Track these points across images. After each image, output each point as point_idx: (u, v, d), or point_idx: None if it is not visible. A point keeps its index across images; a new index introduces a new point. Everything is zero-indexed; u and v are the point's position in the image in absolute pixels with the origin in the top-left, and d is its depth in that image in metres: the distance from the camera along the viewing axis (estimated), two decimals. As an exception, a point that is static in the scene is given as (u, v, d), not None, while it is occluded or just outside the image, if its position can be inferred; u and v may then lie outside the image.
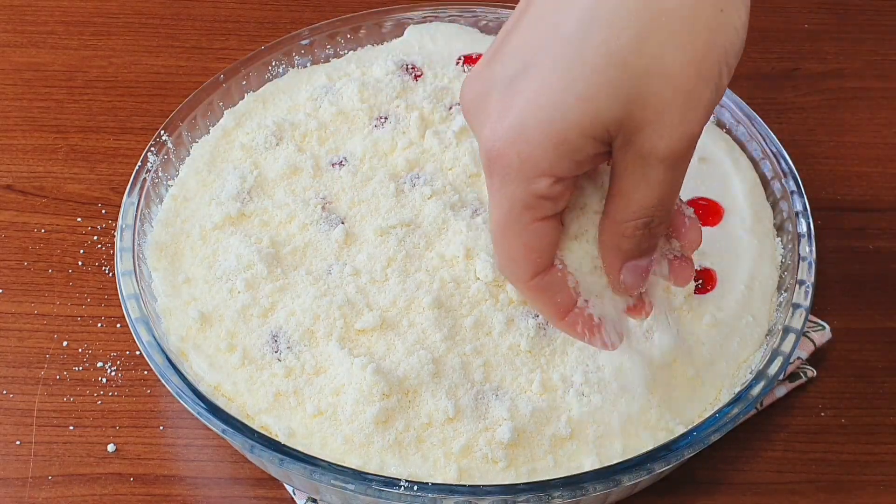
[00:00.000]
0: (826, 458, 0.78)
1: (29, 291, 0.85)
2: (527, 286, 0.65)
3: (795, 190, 0.82)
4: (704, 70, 0.59)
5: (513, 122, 0.60)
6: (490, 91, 0.62)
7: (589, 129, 0.59)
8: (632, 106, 0.58)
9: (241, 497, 0.76)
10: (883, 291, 0.86)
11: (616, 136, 0.60)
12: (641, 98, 0.58)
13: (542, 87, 0.59)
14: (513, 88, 0.61)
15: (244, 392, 0.74)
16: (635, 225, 0.63)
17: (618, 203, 0.62)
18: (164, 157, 0.83)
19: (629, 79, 0.58)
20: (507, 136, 0.60)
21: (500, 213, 0.63)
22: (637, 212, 0.62)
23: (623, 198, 0.62)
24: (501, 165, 0.61)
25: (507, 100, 0.61)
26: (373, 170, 0.83)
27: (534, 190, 0.61)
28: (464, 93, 0.63)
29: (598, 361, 0.74)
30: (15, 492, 0.76)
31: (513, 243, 0.64)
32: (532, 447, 0.72)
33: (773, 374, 0.73)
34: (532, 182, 0.61)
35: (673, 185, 0.61)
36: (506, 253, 0.64)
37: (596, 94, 0.58)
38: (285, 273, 0.78)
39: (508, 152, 0.60)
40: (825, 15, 1.05)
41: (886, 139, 0.96)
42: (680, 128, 0.59)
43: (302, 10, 1.04)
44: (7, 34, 1.01)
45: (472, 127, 0.63)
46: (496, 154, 0.61)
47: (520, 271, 0.65)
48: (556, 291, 0.66)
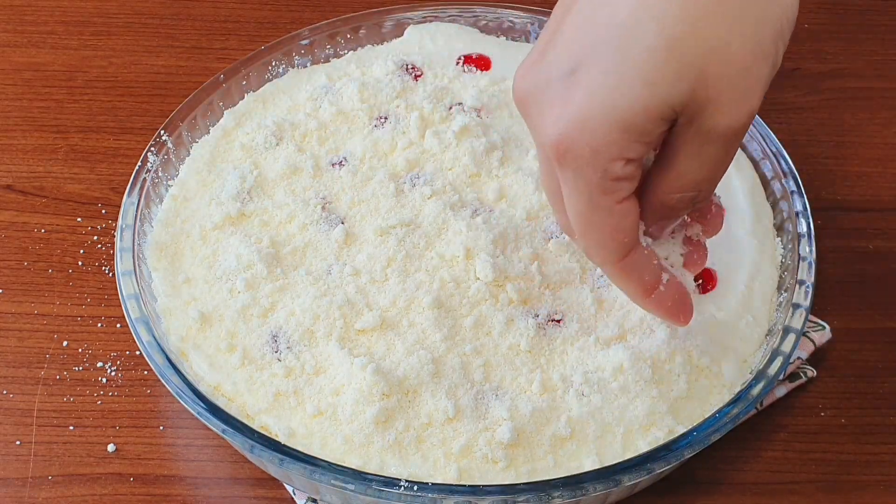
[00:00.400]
0: (826, 458, 0.78)
1: (29, 291, 0.85)
2: (616, 267, 0.66)
3: (795, 190, 0.82)
4: (761, 46, 0.60)
5: (577, 113, 0.61)
6: (547, 84, 0.62)
7: (656, 111, 0.60)
8: (695, 85, 0.59)
9: (241, 497, 0.76)
10: (883, 291, 0.86)
11: (680, 115, 0.61)
12: (703, 77, 0.59)
13: (604, 76, 0.60)
14: (573, 79, 0.61)
15: (244, 392, 0.74)
16: (681, 198, 0.64)
17: (668, 176, 0.64)
18: (164, 157, 0.83)
19: (691, 59, 0.59)
20: (574, 128, 0.61)
21: (581, 202, 0.64)
22: (686, 186, 0.64)
23: (675, 171, 0.63)
24: (573, 157, 0.62)
25: (568, 91, 0.61)
26: (373, 170, 0.83)
27: (610, 174, 0.62)
28: (517, 87, 0.64)
29: (598, 361, 0.74)
30: (15, 492, 0.76)
31: (600, 229, 0.65)
32: (532, 447, 0.72)
33: (773, 374, 0.73)
34: (606, 167, 0.62)
35: (725, 162, 0.63)
36: (594, 239, 0.65)
37: (660, 77, 0.59)
38: (285, 273, 0.78)
39: (578, 143, 0.61)
40: (825, 15, 1.05)
41: (886, 139, 0.96)
42: (740, 104, 0.60)
43: (302, 10, 1.04)
44: (7, 34, 1.01)
45: (528, 119, 0.64)
46: (565, 147, 0.61)
47: (610, 255, 0.66)
48: (644, 270, 0.67)
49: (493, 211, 0.81)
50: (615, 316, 0.77)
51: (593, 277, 0.78)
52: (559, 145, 0.62)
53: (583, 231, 0.65)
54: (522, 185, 0.81)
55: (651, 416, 0.73)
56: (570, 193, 0.64)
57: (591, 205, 0.63)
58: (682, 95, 0.60)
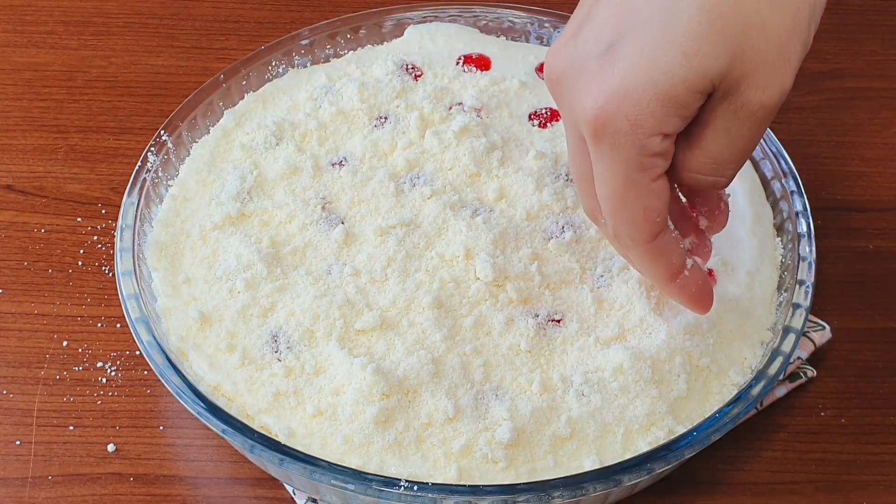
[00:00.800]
0: (826, 458, 0.78)
1: (29, 291, 0.85)
2: (646, 249, 0.66)
3: (795, 190, 0.82)
4: (796, 23, 0.61)
5: (616, 87, 0.61)
6: (584, 62, 0.63)
7: (696, 84, 0.60)
8: (733, 59, 0.60)
9: (241, 497, 0.76)
10: (883, 291, 0.86)
11: (716, 89, 0.61)
12: (741, 51, 0.60)
13: (642, 50, 0.60)
14: (611, 55, 0.62)
15: (244, 392, 0.74)
16: (703, 180, 0.65)
17: (694, 154, 0.64)
18: (164, 157, 0.83)
19: (731, 32, 0.59)
20: (613, 102, 0.61)
21: (615, 179, 0.63)
22: (711, 166, 0.64)
23: (702, 149, 0.63)
24: (611, 132, 0.62)
25: (606, 67, 0.62)
26: (373, 170, 0.83)
27: (647, 149, 0.62)
28: (551, 66, 0.64)
29: (598, 361, 0.74)
30: (15, 492, 0.76)
31: (633, 207, 0.64)
32: (532, 447, 0.72)
33: (773, 374, 0.73)
34: (644, 142, 0.62)
35: (753, 143, 0.63)
36: (626, 218, 0.65)
37: (700, 50, 0.60)
38: (285, 273, 0.78)
39: (616, 117, 0.61)
40: (825, 15, 1.03)
41: (886, 139, 0.96)
42: (775, 81, 0.61)
43: (302, 10, 1.04)
44: (7, 34, 1.01)
45: (562, 99, 0.64)
46: (603, 121, 0.62)
47: (640, 234, 0.65)
48: (672, 253, 0.68)
49: (493, 211, 0.81)
50: (615, 316, 0.77)
51: (593, 277, 0.78)
52: (597, 120, 0.62)
53: (615, 211, 0.65)
54: (522, 185, 0.81)
55: (651, 416, 0.73)
56: (604, 171, 0.64)
57: (627, 182, 0.63)
58: (720, 69, 0.60)
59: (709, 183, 0.65)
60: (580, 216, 0.80)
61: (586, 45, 0.63)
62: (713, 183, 0.65)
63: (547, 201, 0.81)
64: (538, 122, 0.86)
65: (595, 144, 0.63)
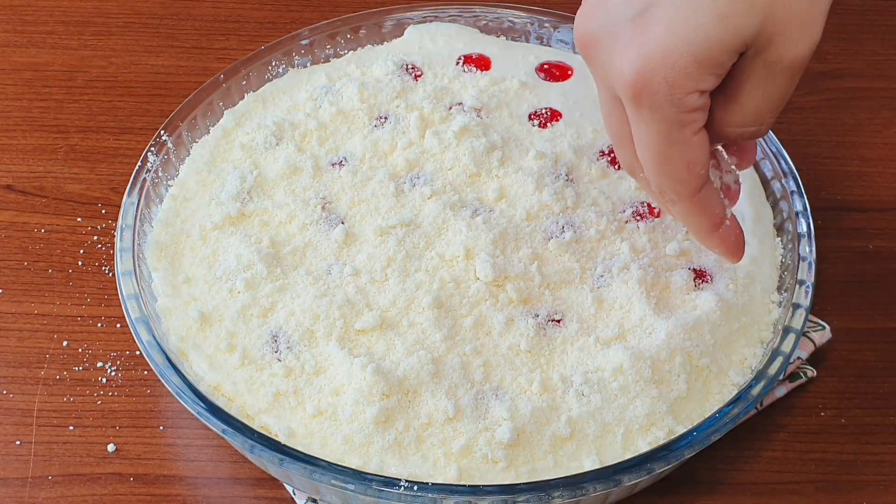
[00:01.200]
0: (826, 458, 0.78)
1: (29, 291, 0.85)
2: (691, 202, 0.68)
3: (795, 190, 0.82)
4: None
5: (654, 49, 0.63)
6: (616, 25, 0.64)
7: (731, 43, 0.63)
8: (764, 18, 0.62)
9: (241, 497, 0.76)
10: (883, 291, 0.86)
11: (749, 47, 0.63)
12: (772, 9, 0.62)
13: (678, 11, 0.62)
14: (645, 18, 0.63)
15: (244, 392, 0.74)
16: (743, 132, 0.67)
17: (732, 108, 0.66)
18: (164, 157, 0.83)
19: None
20: (651, 65, 0.63)
21: (657, 139, 0.65)
22: (749, 118, 0.66)
23: (739, 104, 0.66)
24: (649, 93, 0.64)
25: (640, 30, 0.63)
26: (373, 170, 0.83)
27: (686, 106, 0.64)
28: (582, 29, 0.66)
29: (598, 361, 0.74)
30: (15, 492, 0.76)
31: (676, 163, 0.66)
32: (532, 447, 0.72)
33: (773, 374, 0.73)
34: (683, 100, 0.64)
35: (787, 93, 0.66)
36: (670, 175, 0.67)
37: (735, 11, 0.62)
38: (285, 273, 0.78)
39: (655, 79, 0.63)
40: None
41: (886, 139, 0.96)
42: (805, 36, 0.64)
43: (302, 10, 1.04)
44: (7, 34, 1.01)
45: (595, 61, 0.66)
46: (642, 83, 0.63)
47: (686, 189, 0.68)
48: (714, 203, 0.70)
49: (493, 211, 0.81)
50: (615, 316, 0.77)
51: (593, 277, 0.78)
52: (636, 83, 0.64)
53: (658, 168, 0.67)
54: (522, 185, 0.81)
55: (651, 416, 0.73)
56: (645, 132, 0.66)
57: (668, 140, 0.65)
58: (753, 28, 0.62)
59: (750, 134, 0.67)
60: (580, 216, 0.80)
61: (618, 8, 0.64)
62: (754, 133, 0.67)
63: (547, 201, 0.81)
64: (538, 122, 0.86)
65: (634, 107, 0.65)
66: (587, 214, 0.80)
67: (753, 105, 0.66)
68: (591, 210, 0.81)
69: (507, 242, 0.79)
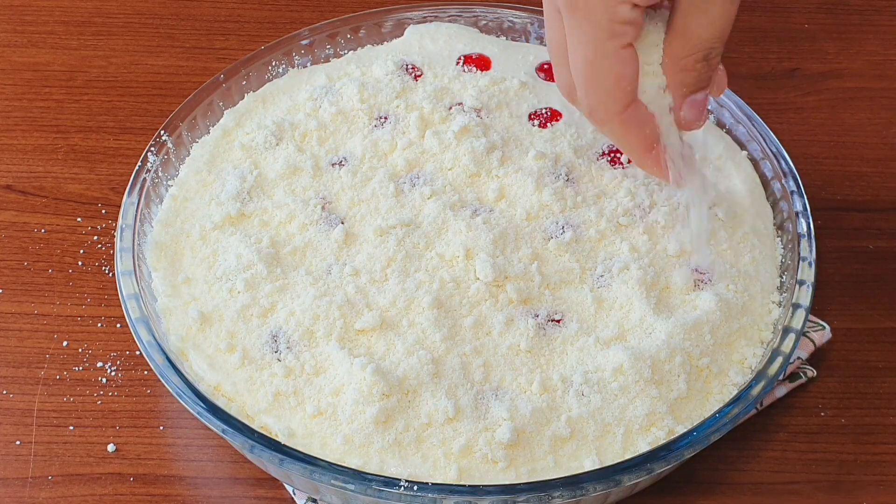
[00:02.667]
0: (826, 458, 0.78)
1: (29, 291, 0.85)
2: (619, 119, 0.71)
3: (795, 190, 0.82)
4: None
5: None
6: None
7: None
8: None
9: (241, 497, 0.76)
10: (883, 291, 0.86)
11: None
12: None
13: None
14: None
15: (244, 392, 0.74)
16: (695, 58, 0.69)
17: (680, 41, 0.68)
18: (164, 157, 0.83)
19: None
20: None
21: (587, 48, 0.68)
22: (698, 45, 0.68)
23: (685, 35, 0.68)
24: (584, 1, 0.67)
25: None
26: (373, 170, 0.83)
27: (617, 16, 0.67)
28: None
29: (598, 361, 0.74)
30: (15, 492, 0.76)
31: (604, 76, 0.69)
32: (532, 447, 0.72)
33: (773, 374, 0.73)
34: (615, 9, 0.67)
35: (730, 18, 0.67)
36: (598, 88, 0.70)
37: None
38: (285, 273, 0.78)
39: None
40: (825, 15, 1.05)
41: (886, 139, 0.96)
42: None
43: (302, 10, 1.04)
44: (7, 34, 1.01)
45: None
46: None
47: (614, 105, 0.70)
48: (644, 123, 0.72)
49: (493, 211, 0.81)
50: (615, 316, 0.77)
51: (593, 277, 0.78)
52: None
53: (587, 81, 0.70)
54: (522, 185, 0.81)
55: (651, 416, 0.73)
56: (578, 41, 0.69)
57: (598, 51, 0.68)
58: None
59: (701, 59, 0.69)
60: (580, 216, 0.80)
61: None
62: (705, 57, 0.69)
63: (547, 201, 0.81)
64: (538, 122, 0.86)
65: (570, 14, 0.68)
66: (587, 214, 0.80)
67: (698, 32, 0.68)
68: (591, 210, 0.81)
69: (507, 242, 0.79)
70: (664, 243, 0.79)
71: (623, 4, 0.67)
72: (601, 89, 0.70)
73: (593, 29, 0.68)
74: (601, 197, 0.81)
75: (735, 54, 1.01)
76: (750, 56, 1.01)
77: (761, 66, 1.01)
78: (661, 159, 0.73)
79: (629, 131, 0.72)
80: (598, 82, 0.70)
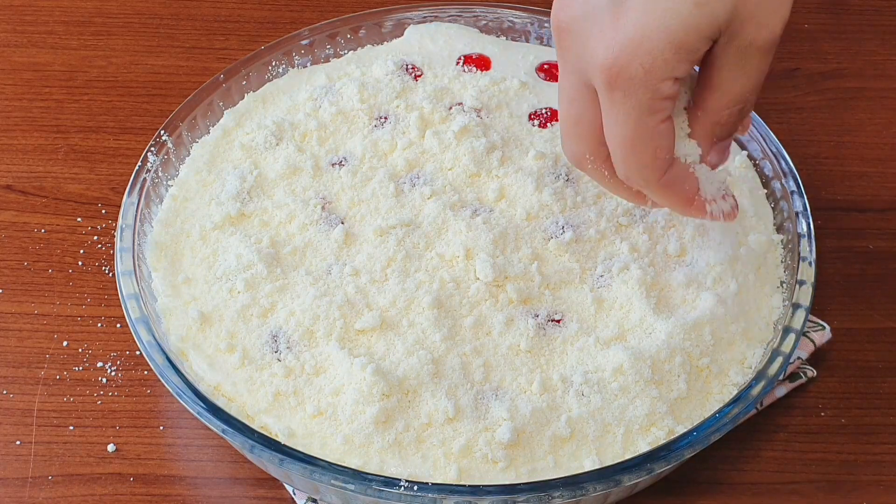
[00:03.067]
0: (826, 458, 0.78)
1: (29, 291, 0.85)
2: (659, 184, 0.70)
3: (795, 190, 0.82)
4: None
5: (632, 35, 0.65)
6: (595, 11, 0.66)
7: (706, 30, 0.65)
8: (737, 2, 0.64)
9: (241, 497, 0.76)
10: (883, 291, 0.86)
11: (723, 33, 0.65)
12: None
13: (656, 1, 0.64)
14: (622, 5, 0.65)
15: (244, 392, 0.74)
16: (730, 113, 0.69)
17: (715, 95, 0.68)
18: (164, 157, 0.83)
19: None
20: (627, 50, 0.65)
21: (628, 124, 0.67)
22: (734, 100, 0.68)
23: (721, 90, 0.68)
24: (625, 78, 0.65)
25: (619, 16, 0.65)
26: (373, 170, 0.83)
27: (659, 93, 0.66)
28: (560, 15, 0.68)
29: (598, 361, 0.74)
30: (15, 492, 0.76)
31: (645, 150, 0.68)
32: (532, 447, 0.72)
33: (773, 374, 0.73)
34: (657, 87, 0.66)
35: (765, 71, 0.68)
36: (638, 161, 0.69)
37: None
38: (285, 273, 0.78)
39: (632, 64, 0.65)
40: (825, 15, 1.05)
41: (886, 139, 0.96)
42: (776, 16, 0.65)
43: (302, 10, 1.04)
44: (7, 34, 1.01)
45: (569, 48, 0.68)
46: (618, 69, 0.65)
47: (653, 174, 0.69)
48: (684, 180, 0.71)
49: (493, 211, 0.81)
50: (615, 316, 0.77)
51: (593, 277, 0.78)
52: (612, 68, 0.65)
53: (626, 155, 0.69)
54: (522, 185, 0.81)
55: (651, 416, 0.73)
56: (616, 118, 0.67)
57: (638, 126, 0.67)
58: (727, 14, 0.64)
59: (738, 112, 0.69)
60: (580, 216, 0.80)
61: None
62: (741, 111, 0.69)
63: (547, 201, 0.81)
64: (538, 122, 0.86)
65: (608, 92, 0.66)
66: (587, 214, 0.80)
67: (737, 88, 0.68)
68: (591, 210, 0.81)
69: (507, 242, 0.79)
70: (664, 243, 0.79)
71: (666, 81, 0.66)
72: (640, 162, 0.69)
73: (635, 106, 0.67)
74: (601, 197, 0.81)
75: (735, 54, 1.01)
76: (750, 56, 1.01)
77: (761, 66, 1.01)
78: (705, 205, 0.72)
79: (671, 191, 0.71)
80: (637, 156, 0.69)
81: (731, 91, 0.68)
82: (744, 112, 0.69)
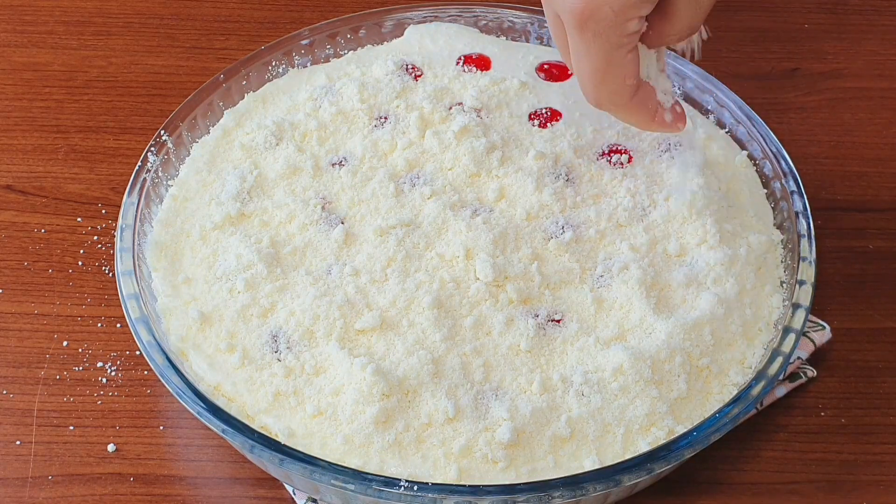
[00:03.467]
0: (826, 458, 0.78)
1: (29, 291, 0.85)
2: (628, 106, 0.77)
3: (795, 190, 0.82)
4: None
5: None
6: None
7: None
8: None
9: (241, 497, 0.76)
10: (883, 291, 0.86)
11: None
12: None
13: None
14: None
15: (244, 392, 0.74)
16: (679, 37, 0.76)
17: (670, 23, 0.74)
18: (164, 157, 0.83)
19: None
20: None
21: (597, 60, 0.73)
22: (686, 28, 0.75)
23: (676, 19, 0.74)
24: (596, 20, 0.71)
25: None
26: (373, 170, 0.83)
27: (627, 31, 0.72)
28: None
29: (598, 361, 0.74)
30: (15, 492, 0.76)
31: (614, 80, 0.74)
32: (532, 447, 0.72)
33: (773, 374, 0.73)
34: (625, 26, 0.72)
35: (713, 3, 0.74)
36: (608, 90, 0.75)
37: None
38: (285, 273, 0.78)
39: (602, 8, 0.71)
40: (825, 15, 1.05)
41: (886, 139, 0.96)
42: None
43: (302, 10, 1.04)
44: (7, 34, 1.01)
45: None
46: (589, 13, 0.71)
47: (622, 98, 0.76)
48: (649, 99, 0.78)
49: (493, 211, 0.81)
50: (615, 316, 0.77)
51: (593, 277, 0.78)
52: (583, 12, 0.71)
53: (597, 85, 0.75)
54: (522, 185, 0.81)
55: (651, 416, 0.73)
56: (586, 54, 0.73)
57: (608, 60, 0.73)
58: None
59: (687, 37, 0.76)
60: (580, 216, 0.80)
61: None
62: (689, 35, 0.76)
63: (547, 201, 0.81)
64: (538, 122, 0.86)
65: (578, 32, 0.72)
66: (587, 214, 0.80)
67: (689, 19, 0.74)
68: (591, 210, 0.81)
69: (507, 242, 0.79)
70: (664, 243, 0.79)
71: (631, 21, 0.72)
72: (611, 90, 0.75)
73: (604, 44, 0.72)
74: (601, 197, 0.81)
75: (735, 54, 1.01)
76: (750, 56, 1.01)
77: (761, 66, 1.01)
78: (665, 120, 0.79)
79: (638, 110, 0.77)
80: (607, 86, 0.75)
81: (684, 21, 0.74)
82: (692, 34, 0.76)
